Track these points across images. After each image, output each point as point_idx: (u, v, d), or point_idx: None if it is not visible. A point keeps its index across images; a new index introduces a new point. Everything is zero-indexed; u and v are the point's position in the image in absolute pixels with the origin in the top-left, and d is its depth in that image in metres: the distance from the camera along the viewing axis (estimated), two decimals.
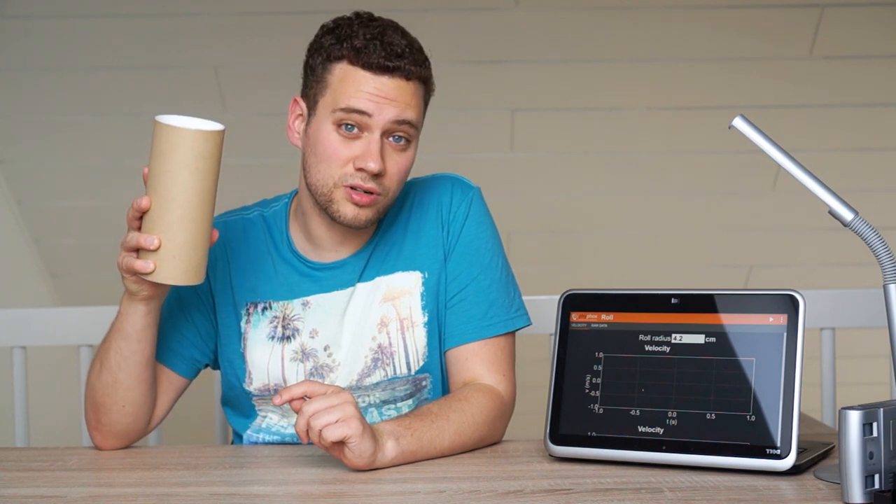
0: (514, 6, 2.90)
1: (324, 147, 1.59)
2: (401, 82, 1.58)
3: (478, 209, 1.72)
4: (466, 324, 1.68)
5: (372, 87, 1.56)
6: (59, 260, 3.43)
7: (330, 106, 1.58)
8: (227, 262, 1.72)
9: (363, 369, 1.67)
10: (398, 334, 1.67)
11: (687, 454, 1.39)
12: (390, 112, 1.57)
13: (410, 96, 1.59)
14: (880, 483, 1.20)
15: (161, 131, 1.45)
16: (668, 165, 3.29)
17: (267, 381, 1.68)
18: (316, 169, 1.61)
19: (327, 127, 1.59)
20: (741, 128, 1.40)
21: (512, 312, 1.70)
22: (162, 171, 1.46)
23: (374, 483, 1.39)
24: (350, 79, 1.57)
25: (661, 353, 1.45)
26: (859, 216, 1.34)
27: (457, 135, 3.16)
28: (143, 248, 1.49)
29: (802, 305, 1.38)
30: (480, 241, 1.70)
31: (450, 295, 1.69)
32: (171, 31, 2.93)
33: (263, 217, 1.75)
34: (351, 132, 1.57)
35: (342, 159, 1.58)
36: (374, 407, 1.69)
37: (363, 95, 1.56)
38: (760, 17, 2.95)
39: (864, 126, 3.19)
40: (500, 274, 1.71)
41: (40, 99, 3.07)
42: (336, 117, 1.57)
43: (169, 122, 1.45)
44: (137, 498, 1.34)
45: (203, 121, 1.47)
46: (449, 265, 1.69)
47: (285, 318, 1.68)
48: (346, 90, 1.57)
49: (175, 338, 1.71)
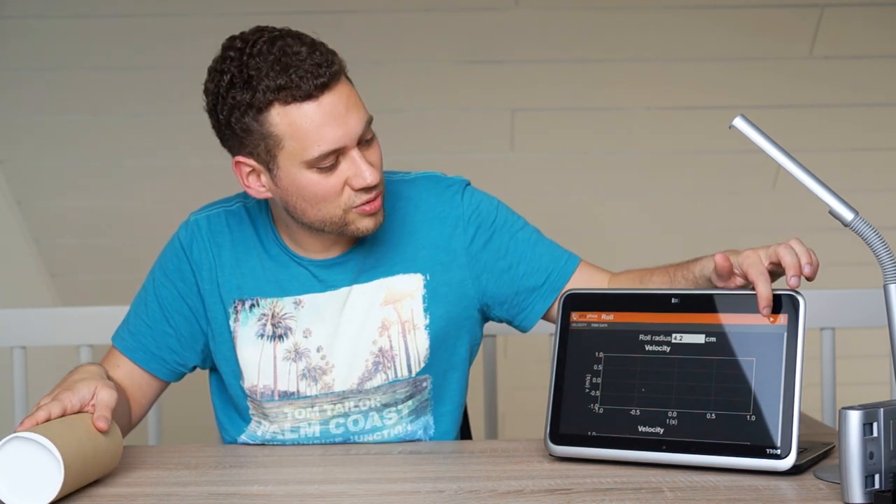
0: (514, 6, 2.90)
1: (312, 191, 1.53)
2: (335, 87, 1.50)
3: (475, 199, 1.72)
4: (557, 259, 1.72)
5: (321, 116, 1.48)
6: (59, 260, 3.43)
7: (297, 158, 1.50)
8: (212, 259, 1.68)
9: (364, 373, 1.66)
10: (399, 337, 1.66)
11: (687, 454, 1.39)
12: (353, 126, 1.51)
13: (350, 93, 1.53)
14: (880, 483, 1.20)
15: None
16: (668, 165, 3.29)
17: (257, 381, 1.66)
18: (313, 211, 1.56)
19: (303, 174, 1.52)
20: (741, 128, 1.40)
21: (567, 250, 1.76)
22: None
23: (375, 483, 1.39)
24: (299, 123, 1.48)
25: (662, 352, 1.45)
26: (859, 216, 1.34)
27: (457, 135, 3.16)
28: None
29: (803, 305, 1.38)
30: (500, 212, 1.72)
31: (518, 261, 1.70)
32: (171, 31, 2.93)
33: (247, 209, 1.70)
34: (331, 167, 1.52)
35: (334, 191, 1.53)
36: (374, 411, 1.69)
37: (325, 134, 1.49)
38: (760, 17, 2.95)
39: (863, 126, 3.19)
40: (531, 226, 1.75)
41: (40, 99, 3.07)
42: (310, 165, 1.51)
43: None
44: (137, 498, 1.34)
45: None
46: (496, 250, 1.69)
47: (275, 316, 1.66)
48: (305, 139, 1.49)
49: (155, 342, 1.69)
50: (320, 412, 1.67)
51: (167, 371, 1.71)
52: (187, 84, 3.06)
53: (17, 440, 1.29)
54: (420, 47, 2.90)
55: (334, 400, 1.67)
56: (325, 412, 1.67)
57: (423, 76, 2.98)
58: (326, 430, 1.68)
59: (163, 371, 1.71)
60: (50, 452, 1.28)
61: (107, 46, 2.95)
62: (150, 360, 1.69)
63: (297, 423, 1.68)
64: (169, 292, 1.69)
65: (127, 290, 1.79)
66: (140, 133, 3.13)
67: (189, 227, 1.71)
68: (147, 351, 1.69)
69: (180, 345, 1.70)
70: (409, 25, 2.85)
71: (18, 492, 1.28)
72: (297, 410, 1.67)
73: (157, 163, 3.21)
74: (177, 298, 1.69)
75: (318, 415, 1.67)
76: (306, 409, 1.67)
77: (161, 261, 1.73)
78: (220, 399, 1.76)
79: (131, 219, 3.29)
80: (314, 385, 1.66)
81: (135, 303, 1.74)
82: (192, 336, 1.70)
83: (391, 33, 2.86)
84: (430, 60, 2.95)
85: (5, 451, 1.29)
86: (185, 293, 1.69)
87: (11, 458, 1.29)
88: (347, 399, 1.67)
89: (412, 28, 2.86)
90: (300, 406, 1.67)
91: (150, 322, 1.70)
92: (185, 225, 1.72)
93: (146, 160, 3.20)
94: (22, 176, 3.22)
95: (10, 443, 1.29)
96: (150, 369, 1.70)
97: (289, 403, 1.67)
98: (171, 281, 1.70)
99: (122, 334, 1.72)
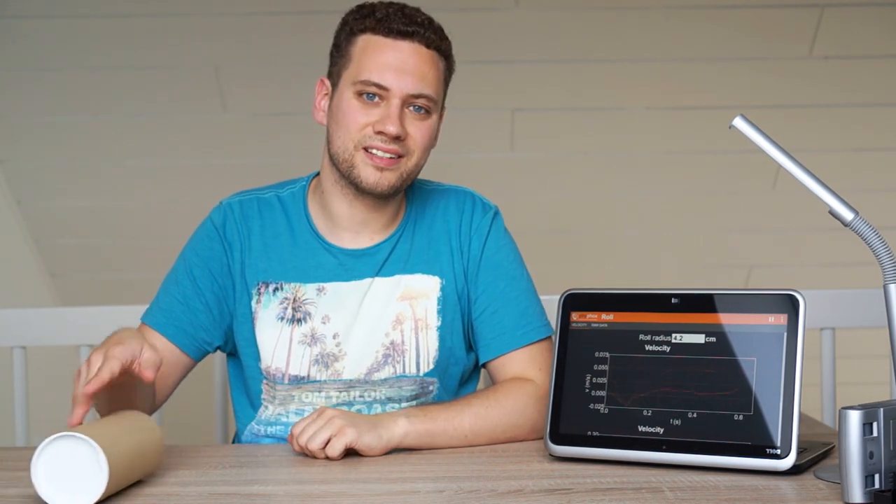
0: (514, 6, 2.90)
1: (344, 114, 1.64)
2: (420, 48, 1.63)
3: (498, 227, 1.76)
4: (502, 335, 1.71)
5: (391, 55, 1.62)
6: (59, 260, 3.43)
7: (351, 78, 1.63)
8: (241, 242, 1.73)
9: (372, 364, 1.68)
10: (412, 333, 1.69)
11: (687, 454, 1.39)
12: (408, 84, 1.62)
13: (428, 66, 1.64)
14: (880, 483, 1.20)
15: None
16: (668, 165, 3.29)
17: (270, 362, 1.69)
18: (336, 136, 1.65)
19: (348, 96, 1.64)
20: (741, 128, 1.40)
21: (542, 321, 1.73)
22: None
23: (375, 483, 1.39)
24: (371, 49, 1.63)
25: (662, 352, 1.45)
26: (859, 216, 1.34)
27: (457, 135, 3.16)
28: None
29: (802, 305, 1.38)
30: (502, 255, 1.74)
31: (480, 309, 1.72)
32: (171, 31, 2.93)
33: (279, 197, 1.76)
34: (372, 100, 1.63)
35: (361, 124, 1.63)
36: (378, 403, 1.70)
37: (382, 67, 1.61)
38: (760, 17, 2.95)
39: (864, 126, 3.19)
40: (526, 285, 1.74)
41: (40, 99, 3.07)
42: (357, 88, 1.63)
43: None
44: (137, 498, 1.34)
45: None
46: (474, 281, 1.72)
47: (296, 301, 1.69)
48: (367, 62, 1.62)
49: (188, 318, 1.71)
50: (326, 398, 1.69)
51: (196, 348, 1.73)
52: (187, 84, 3.08)
53: (68, 439, 1.27)
54: None
55: (341, 388, 1.69)
56: (330, 398, 1.69)
57: None
58: None
59: (192, 348, 1.72)
60: (97, 456, 1.26)
61: (107, 46, 2.95)
62: (183, 336, 1.71)
63: (303, 406, 1.70)
64: (202, 271, 1.72)
65: (127, 290, 1.80)
66: (140, 133, 3.13)
67: (222, 209, 1.76)
68: (179, 327, 1.71)
69: (211, 323, 1.72)
70: None
71: (61, 489, 1.26)
72: (304, 394, 1.70)
73: (157, 163, 3.21)
74: (208, 277, 1.72)
75: (324, 400, 1.69)
76: (313, 393, 1.70)
77: (192, 243, 1.76)
78: (235, 386, 1.79)
79: (131, 219, 3.29)
80: (324, 370, 1.69)
81: (164, 284, 1.76)
82: (221, 315, 1.73)
83: None
84: None
85: (53, 448, 1.27)
86: (218, 273, 1.72)
87: (58, 456, 1.27)
88: (354, 388, 1.69)
89: None
90: (308, 390, 1.70)
91: (184, 299, 1.72)
92: (218, 208, 1.76)
93: (146, 160, 3.21)
94: (22, 176, 3.22)
95: (58, 441, 1.27)
96: (182, 345, 1.71)
97: (297, 387, 1.69)
98: (204, 261, 1.73)
99: (153, 312, 1.74)
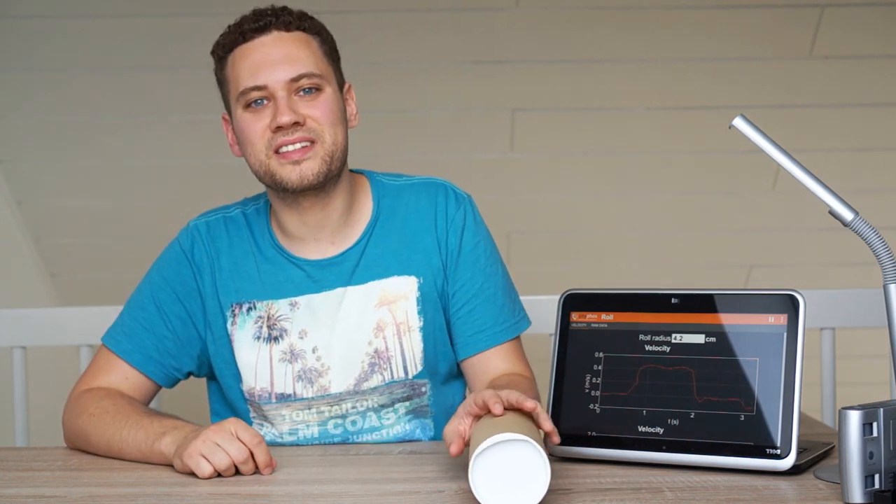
0: (514, 6, 2.90)
1: (243, 131, 1.62)
2: (280, 35, 1.61)
3: (473, 218, 1.72)
4: (480, 332, 1.69)
5: (256, 55, 1.59)
6: (59, 260, 3.43)
7: (234, 95, 1.62)
8: (211, 264, 1.70)
9: (360, 374, 1.67)
10: (395, 338, 1.67)
11: (687, 454, 1.39)
12: (281, 72, 1.59)
13: (297, 47, 1.61)
14: (880, 483, 1.20)
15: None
16: (668, 165, 3.29)
17: (254, 383, 1.67)
18: (249, 154, 1.63)
19: (240, 114, 1.62)
20: (741, 128, 1.40)
21: (517, 315, 1.73)
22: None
23: (375, 483, 1.39)
24: (237, 60, 1.61)
25: (661, 352, 1.45)
26: (859, 216, 1.34)
27: (457, 135, 3.16)
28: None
29: (802, 305, 1.38)
30: (480, 249, 1.71)
31: (457, 306, 1.70)
32: (171, 31, 2.93)
33: (245, 214, 1.73)
34: (260, 105, 1.60)
35: (259, 130, 1.60)
36: (372, 411, 1.69)
37: (252, 69, 1.59)
38: (760, 17, 2.95)
39: (864, 126, 3.19)
40: (502, 279, 1.73)
41: (40, 99, 3.06)
42: (242, 102, 1.61)
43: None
44: (137, 498, 1.34)
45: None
46: (453, 276, 1.69)
47: (270, 318, 1.67)
48: (238, 73, 1.60)
49: (153, 346, 1.69)
50: (318, 413, 1.67)
51: (163, 375, 1.71)
52: (187, 84, 3.08)
53: (510, 443, 1.22)
54: (420, 47, 2.90)
55: (331, 402, 1.67)
56: (322, 413, 1.68)
57: (423, 76, 2.98)
58: (325, 430, 1.69)
59: (159, 375, 1.70)
60: (538, 456, 1.21)
61: (107, 46, 2.95)
62: (148, 364, 1.69)
63: (296, 426, 1.68)
64: (167, 296, 1.70)
65: (127, 291, 1.79)
66: (140, 133, 3.13)
67: (189, 231, 1.72)
68: (144, 354, 1.69)
69: (178, 349, 1.70)
70: (409, 26, 2.85)
71: (499, 495, 1.22)
72: (294, 412, 1.67)
73: (157, 163, 3.21)
74: (175, 302, 1.69)
75: (316, 416, 1.67)
76: (303, 410, 1.67)
77: (159, 265, 1.73)
78: (221, 406, 1.76)
79: (131, 219, 3.29)
80: (310, 388, 1.66)
81: (129, 306, 1.73)
82: (189, 341, 1.70)
83: (392, 33, 2.86)
84: (430, 60, 2.94)
85: (493, 452, 1.23)
86: (185, 297, 1.69)
87: (497, 460, 1.23)
88: (344, 401, 1.67)
89: (412, 28, 2.85)
90: (297, 408, 1.67)
91: (148, 325, 1.70)
92: (186, 230, 1.73)
93: (146, 160, 3.20)
94: (22, 176, 3.22)
95: (500, 445, 1.22)
96: (147, 372, 1.70)
97: (286, 405, 1.67)
98: (170, 285, 1.70)
99: (117, 337, 1.71)
